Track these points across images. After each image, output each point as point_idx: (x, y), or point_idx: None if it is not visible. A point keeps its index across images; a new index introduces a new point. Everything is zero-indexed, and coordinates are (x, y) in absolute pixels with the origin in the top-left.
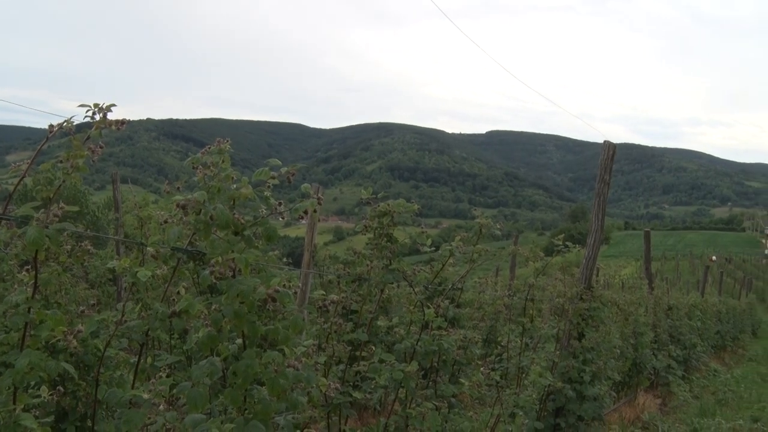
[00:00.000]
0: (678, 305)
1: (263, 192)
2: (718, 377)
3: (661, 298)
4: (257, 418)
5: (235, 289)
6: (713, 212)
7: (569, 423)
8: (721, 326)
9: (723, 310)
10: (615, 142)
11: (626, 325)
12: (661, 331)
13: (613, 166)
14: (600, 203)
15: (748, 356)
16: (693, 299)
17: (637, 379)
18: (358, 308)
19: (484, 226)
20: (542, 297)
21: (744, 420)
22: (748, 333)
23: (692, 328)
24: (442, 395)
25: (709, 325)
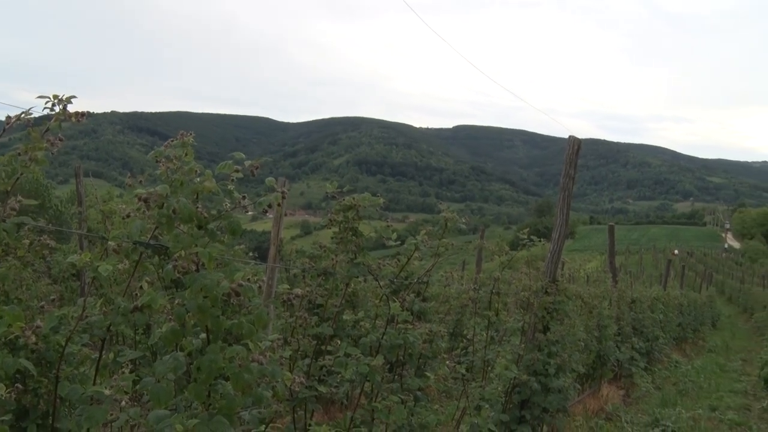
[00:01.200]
0: (641, 298)
1: (227, 185)
2: (679, 368)
3: (625, 292)
4: (222, 413)
5: (199, 283)
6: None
7: (534, 415)
8: (682, 318)
9: (684, 303)
10: (580, 138)
11: (590, 318)
12: (624, 323)
13: (579, 161)
14: (565, 198)
15: (708, 347)
16: (656, 292)
17: (601, 371)
18: (324, 302)
19: (449, 220)
20: (508, 290)
21: (703, 409)
22: (708, 325)
23: (655, 321)
24: (408, 388)
25: (671, 318)
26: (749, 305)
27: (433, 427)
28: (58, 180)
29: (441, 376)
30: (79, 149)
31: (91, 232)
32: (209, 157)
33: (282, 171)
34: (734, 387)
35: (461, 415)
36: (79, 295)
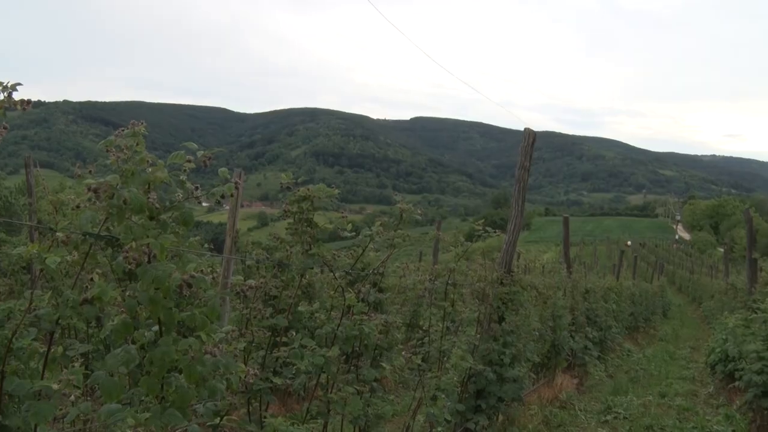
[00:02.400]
0: (595, 288)
1: (179, 176)
2: (631, 357)
3: (579, 282)
4: (175, 406)
5: (150, 274)
6: (629, 199)
7: (490, 404)
8: (634, 308)
9: (636, 293)
10: (536, 130)
11: (545, 308)
12: (578, 313)
13: (535, 153)
14: (520, 189)
15: (659, 336)
16: (609, 283)
17: (556, 361)
18: (278, 294)
19: (405, 212)
20: (464, 282)
21: (653, 396)
22: (659, 314)
23: (608, 311)
24: (363, 380)
25: (623, 308)
26: (698, 295)
27: (389, 417)
28: (7, 170)
29: (397, 366)
30: (30, 139)
31: (42, 224)
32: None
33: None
34: (683, 374)
35: (417, 405)
36: (29, 288)
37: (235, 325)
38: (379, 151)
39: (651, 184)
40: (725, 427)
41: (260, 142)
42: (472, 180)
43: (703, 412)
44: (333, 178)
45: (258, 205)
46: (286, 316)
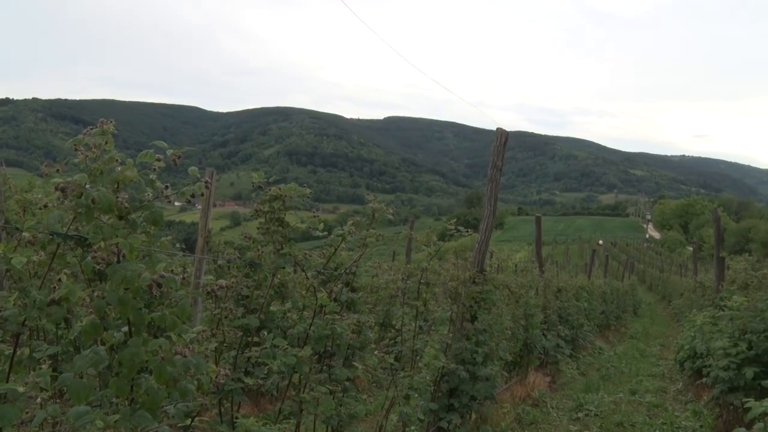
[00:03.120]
0: (567, 287)
1: (149, 175)
2: (603, 354)
3: (551, 281)
4: (145, 407)
5: (119, 274)
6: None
7: (463, 403)
8: (605, 306)
9: (608, 292)
10: (509, 130)
11: (517, 307)
12: (550, 312)
13: (508, 153)
14: (493, 189)
15: (630, 334)
16: (580, 281)
17: (528, 359)
18: (250, 293)
19: (377, 211)
20: (437, 281)
21: (624, 393)
22: (630, 312)
23: (579, 309)
24: (336, 379)
25: (595, 306)
26: (668, 293)
27: (362, 416)
28: None
29: (370, 366)
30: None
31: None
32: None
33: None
34: (653, 371)
35: (390, 404)
36: None
37: (207, 326)
38: (352, 151)
39: (622, 183)
40: (693, 423)
41: (233, 141)
42: (445, 179)
43: (672, 408)
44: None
45: (231, 204)
46: (258, 315)
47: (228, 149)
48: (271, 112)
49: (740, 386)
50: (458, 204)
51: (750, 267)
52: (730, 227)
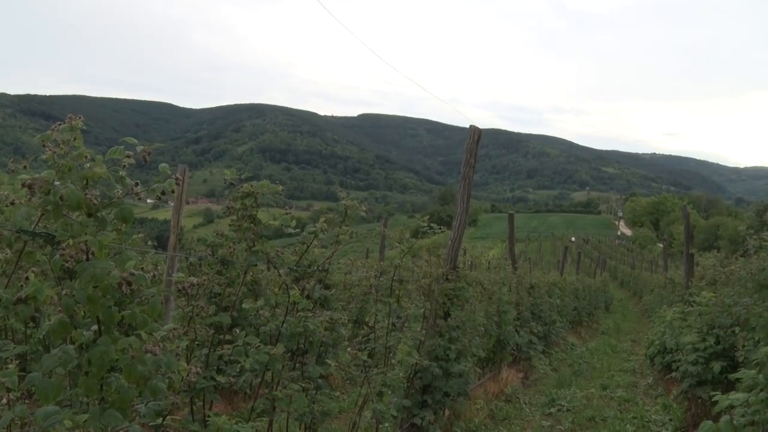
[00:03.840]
0: (539, 284)
1: (119, 172)
2: (575, 350)
3: (524, 278)
4: (115, 406)
5: (88, 272)
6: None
7: (436, 399)
8: (578, 303)
9: (580, 288)
10: (483, 128)
11: (490, 303)
12: (523, 308)
13: (481, 151)
14: (465, 186)
15: (602, 330)
16: (553, 278)
17: (501, 355)
18: (221, 291)
19: (349, 208)
20: (410, 278)
21: (595, 388)
22: (602, 309)
23: (552, 306)
24: (309, 377)
25: (567, 302)
26: (639, 289)
27: (336, 414)
28: None
29: (343, 363)
30: None
31: None
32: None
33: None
34: (624, 366)
35: (364, 401)
36: None
37: (179, 324)
38: (326, 148)
39: (594, 181)
40: (663, 417)
41: (206, 138)
42: (419, 177)
43: (643, 402)
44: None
45: (204, 201)
46: (230, 313)
47: (201, 146)
48: (244, 109)
49: (708, 380)
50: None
51: (718, 263)
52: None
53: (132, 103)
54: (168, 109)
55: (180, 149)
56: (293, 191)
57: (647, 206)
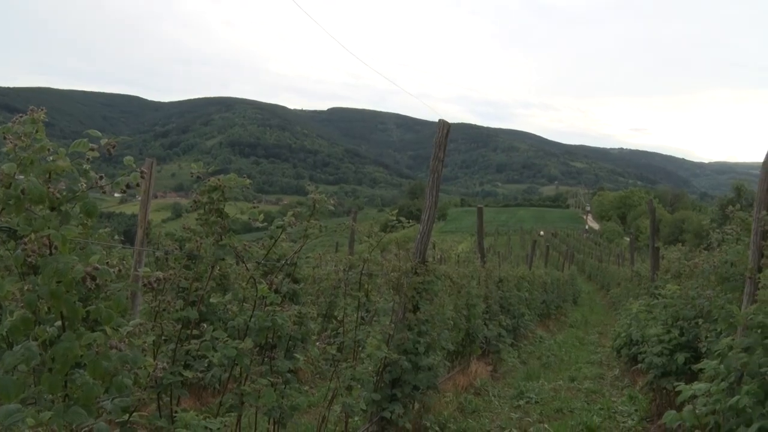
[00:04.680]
0: (508, 277)
1: (82, 165)
2: (543, 343)
3: (493, 271)
4: (79, 403)
5: (51, 267)
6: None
7: (405, 393)
8: (546, 296)
9: (548, 281)
10: (452, 122)
11: (459, 297)
12: (492, 302)
13: (451, 145)
14: (435, 180)
15: (569, 323)
16: (522, 272)
17: (470, 349)
18: (188, 285)
19: (317, 202)
20: (379, 272)
21: (563, 380)
22: (570, 302)
23: (521, 299)
24: (278, 371)
25: (535, 296)
26: (606, 282)
27: (305, 408)
28: None
29: (312, 357)
30: None
31: None
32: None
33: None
34: (591, 358)
35: (333, 395)
36: None
37: (146, 319)
38: (296, 142)
39: (563, 175)
40: (629, 407)
41: (174, 131)
42: (389, 171)
43: (609, 393)
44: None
45: (172, 195)
46: (198, 308)
47: (169, 140)
48: (213, 102)
49: (672, 371)
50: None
51: (683, 256)
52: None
53: (99, 95)
54: (136, 102)
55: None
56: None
57: (614, 200)
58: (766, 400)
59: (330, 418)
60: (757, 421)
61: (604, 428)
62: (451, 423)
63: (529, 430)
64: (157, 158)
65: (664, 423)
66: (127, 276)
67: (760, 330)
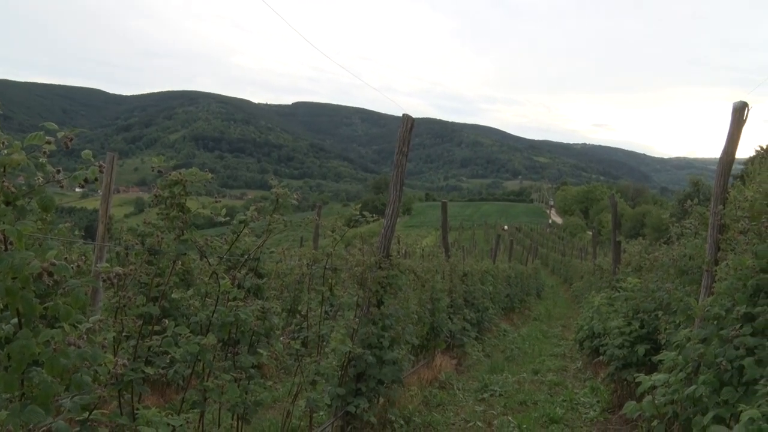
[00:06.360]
0: (472, 271)
1: (39, 158)
2: (507, 336)
3: (457, 265)
4: (36, 402)
5: (6, 263)
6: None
7: (370, 387)
8: (510, 290)
9: (512, 275)
10: (417, 117)
11: (424, 291)
12: (456, 296)
13: (416, 140)
14: (399, 174)
15: (533, 316)
16: (486, 266)
17: (435, 342)
18: (149, 281)
19: (280, 196)
20: (343, 266)
21: (527, 373)
22: (534, 295)
23: (485, 293)
24: (241, 366)
25: (499, 289)
26: (569, 276)
27: (270, 403)
28: None
29: (277, 352)
30: None
31: None
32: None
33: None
34: (554, 351)
35: (298, 390)
36: None
37: (107, 315)
38: (260, 136)
39: (526, 170)
40: (591, 399)
41: (137, 125)
42: (353, 165)
43: (572, 385)
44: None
45: (135, 190)
46: (161, 303)
47: (132, 134)
48: (177, 96)
49: (633, 363)
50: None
51: (643, 250)
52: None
53: (59, 88)
54: (98, 96)
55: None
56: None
57: (577, 195)
58: (722, 389)
59: (294, 413)
60: (712, 410)
61: (567, 420)
62: (416, 417)
63: (493, 422)
64: (119, 152)
65: (625, 413)
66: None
67: (716, 321)
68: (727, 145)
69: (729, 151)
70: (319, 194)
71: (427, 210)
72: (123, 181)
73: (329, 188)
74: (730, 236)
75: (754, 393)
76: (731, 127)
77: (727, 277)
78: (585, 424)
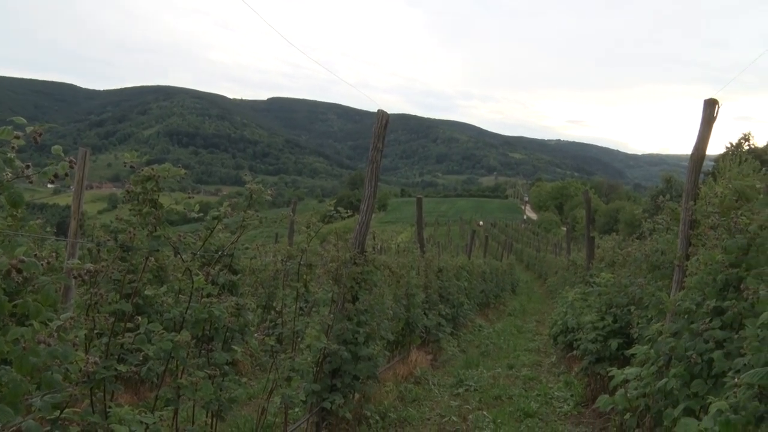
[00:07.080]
0: (447, 267)
1: (7, 153)
2: (482, 332)
3: (432, 261)
4: (5, 401)
5: None
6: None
7: (345, 383)
8: (485, 285)
9: (487, 271)
10: (393, 113)
11: (399, 287)
12: (431, 291)
13: (391, 135)
14: (374, 170)
15: (508, 311)
16: (461, 261)
17: (410, 338)
18: (121, 278)
19: (255, 192)
20: (318, 262)
21: (502, 368)
22: (509, 291)
23: (460, 288)
24: (215, 363)
25: (475, 285)
26: (543, 271)
27: (245, 400)
28: None
29: (252, 349)
30: None
31: None
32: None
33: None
34: (529, 346)
35: (273, 387)
36: None
37: (79, 312)
38: (235, 132)
39: (502, 166)
40: (565, 393)
41: (110, 120)
42: (329, 161)
43: (546, 380)
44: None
45: (108, 186)
46: (134, 300)
47: (105, 129)
48: (151, 91)
49: (606, 357)
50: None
51: (617, 245)
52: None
53: (31, 83)
54: (70, 90)
55: (83, 132)
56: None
57: (552, 191)
58: (692, 382)
59: (270, 410)
60: (683, 402)
61: (541, 414)
62: (392, 412)
63: (468, 417)
64: (92, 148)
65: (598, 407)
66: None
67: (687, 315)
68: (698, 142)
69: (700, 148)
70: (294, 190)
71: (402, 206)
72: (96, 177)
73: (305, 184)
74: (701, 231)
75: (723, 385)
76: (702, 124)
77: (698, 272)
78: (559, 418)
